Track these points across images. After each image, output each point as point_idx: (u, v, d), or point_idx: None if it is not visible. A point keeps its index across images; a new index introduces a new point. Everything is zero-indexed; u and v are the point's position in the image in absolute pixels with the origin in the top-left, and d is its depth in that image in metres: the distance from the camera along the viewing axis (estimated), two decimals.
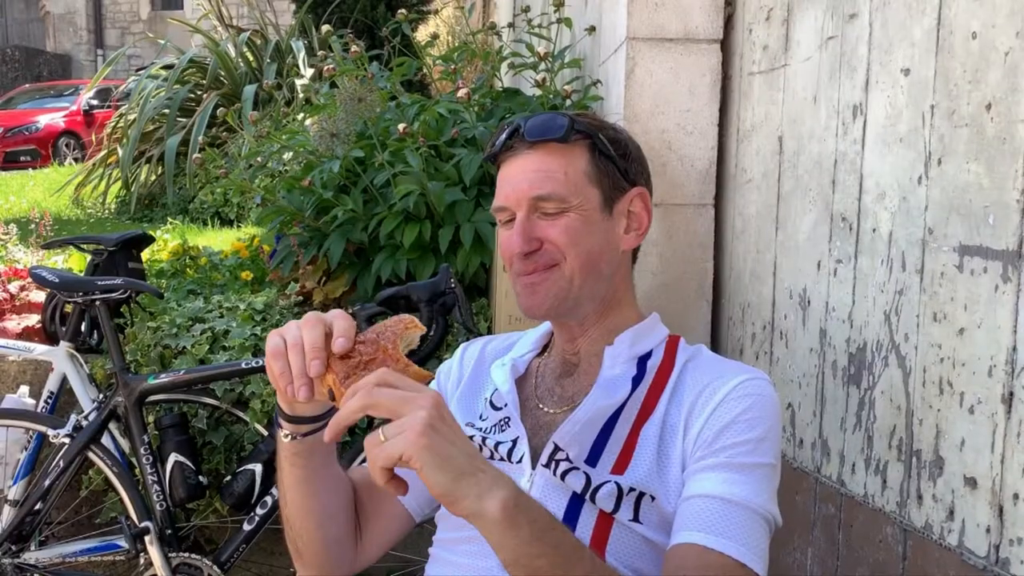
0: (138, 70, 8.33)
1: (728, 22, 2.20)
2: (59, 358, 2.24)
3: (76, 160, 11.13)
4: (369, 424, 2.23)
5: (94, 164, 6.21)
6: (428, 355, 1.92)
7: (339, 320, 0.92)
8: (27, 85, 16.21)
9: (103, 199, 5.75)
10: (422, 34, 4.15)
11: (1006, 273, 1.36)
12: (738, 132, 2.19)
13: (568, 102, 2.48)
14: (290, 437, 1.03)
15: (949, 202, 1.48)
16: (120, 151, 5.59)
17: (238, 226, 4.61)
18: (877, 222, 1.66)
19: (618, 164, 1.13)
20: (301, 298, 2.51)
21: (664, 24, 2.17)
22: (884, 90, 1.64)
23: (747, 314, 2.15)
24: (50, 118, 13.00)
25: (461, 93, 2.37)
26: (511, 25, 3.40)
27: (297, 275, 2.61)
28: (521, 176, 1.09)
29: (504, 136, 1.11)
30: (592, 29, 2.56)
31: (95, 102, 13.16)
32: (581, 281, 1.09)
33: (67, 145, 12.80)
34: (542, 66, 2.58)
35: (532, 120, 1.10)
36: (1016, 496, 1.35)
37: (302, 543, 1.12)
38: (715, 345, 2.33)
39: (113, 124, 6.18)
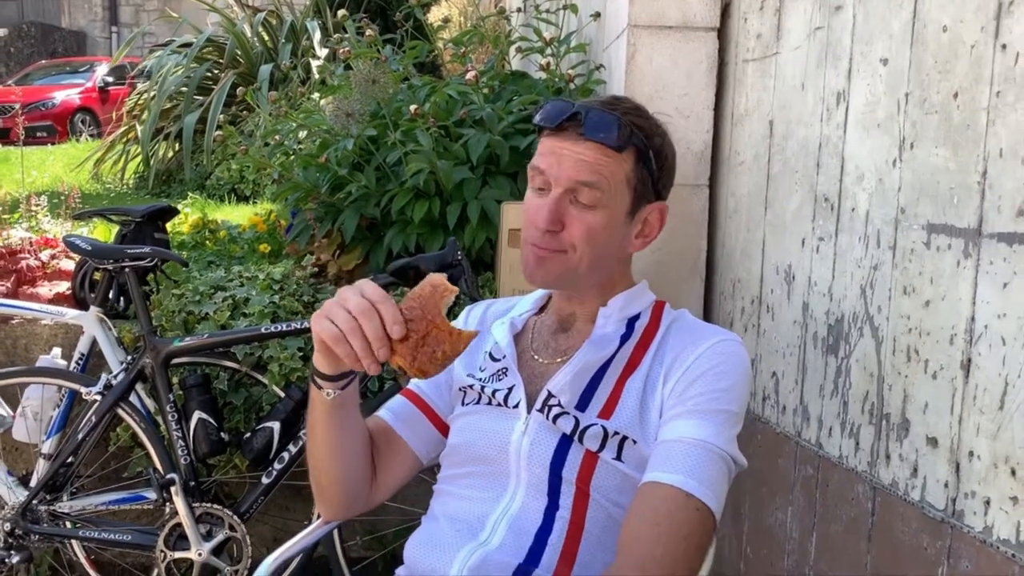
0: (153, 48, 8.45)
1: (725, 11, 2.31)
2: (89, 322, 2.38)
3: (92, 137, 11.26)
4: (380, 387, 2.37)
5: (113, 140, 6.35)
6: None
7: (383, 305, 1.01)
8: (43, 61, 16.34)
9: (122, 175, 5.89)
10: (434, 16, 4.25)
11: (967, 249, 1.48)
12: (732, 116, 2.30)
13: (572, 86, 2.59)
14: (332, 394, 1.14)
15: (919, 184, 1.59)
16: (139, 128, 5.72)
17: (254, 202, 4.74)
18: (856, 202, 1.78)
19: (654, 176, 1.22)
20: (316, 269, 2.64)
21: (664, 12, 2.28)
22: (865, 78, 1.76)
23: (737, 289, 2.27)
24: (66, 94, 13.12)
25: (469, 76, 2.49)
26: (520, 10, 3.51)
27: (312, 248, 2.74)
28: (570, 159, 1.15)
29: (563, 118, 1.17)
30: (597, 15, 2.67)
31: (110, 79, 13.30)
32: (585, 271, 1.20)
33: (83, 121, 12.93)
34: (548, 50, 2.69)
35: (593, 115, 1.15)
36: (971, 453, 1.47)
37: (327, 481, 1.25)
38: (707, 318, 2.45)
39: (133, 101, 6.31)
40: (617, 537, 1.07)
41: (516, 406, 1.20)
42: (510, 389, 1.22)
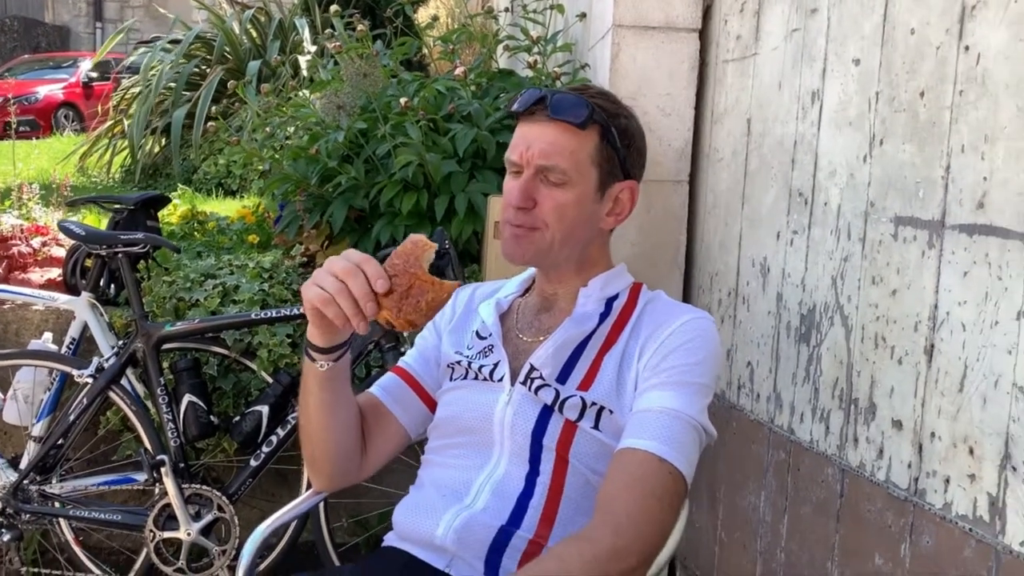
0: (138, 44, 8.45)
1: (706, 13, 2.39)
2: (81, 307, 2.42)
3: (76, 132, 11.22)
4: (367, 375, 2.42)
5: (99, 135, 6.36)
6: None
7: (367, 264, 1.07)
8: (26, 56, 16.24)
9: (108, 168, 5.91)
10: (423, 15, 4.31)
11: (931, 240, 1.56)
12: (712, 115, 2.37)
13: (558, 83, 2.66)
14: (326, 366, 1.20)
15: (888, 178, 1.67)
16: (127, 122, 5.74)
17: (241, 197, 4.77)
18: (828, 196, 1.86)
19: (620, 154, 1.28)
20: (305, 259, 2.69)
21: (647, 13, 2.35)
22: (838, 78, 1.84)
23: (715, 281, 2.34)
24: (49, 89, 13.07)
25: (458, 72, 2.55)
26: (507, 10, 3.58)
27: (301, 239, 2.79)
28: (537, 142, 1.24)
29: (531, 101, 1.25)
30: (583, 16, 2.74)
31: (94, 75, 13.26)
32: (559, 247, 1.27)
33: (66, 117, 12.88)
34: (535, 49, 2.76)
35: (558, 97, 1.24)
36: (933, 434, 1.55)
37: (319, 454, 1.31)
38: None
39: (119, 96, 6.32)
40: (594, 501, 1.13)
41: (501, 380, 1.26)
42: (495, 364, 1.28)
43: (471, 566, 1.14)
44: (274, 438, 2.22)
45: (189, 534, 2.19)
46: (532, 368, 1.24)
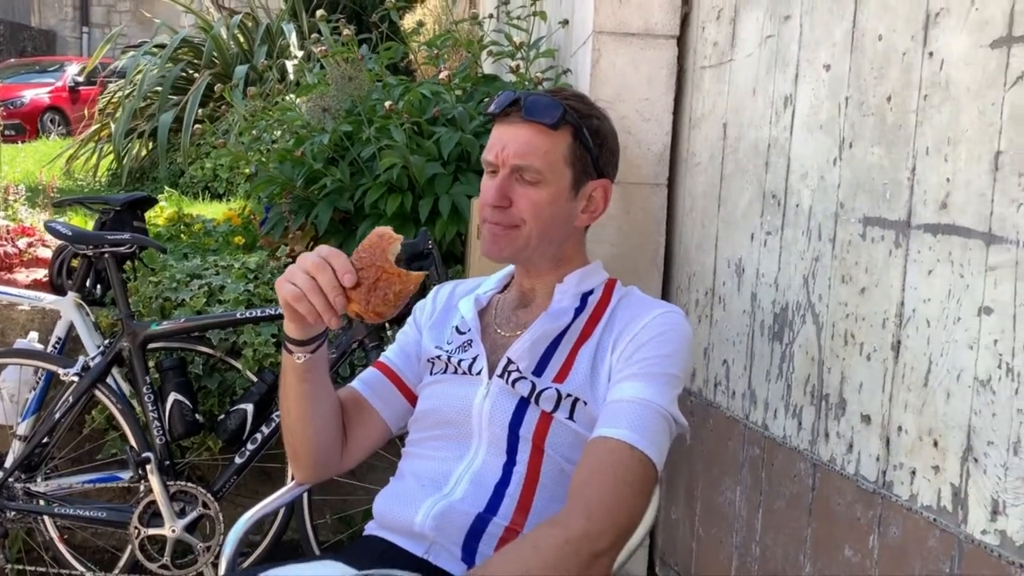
0: (125, 48, 8.46)
1: (684, 20, 2.44)
2: (67, 307, 2.44)
3: (62, 136, 11.20)
4: (351, 373, 2.45)
5: (84, 138, 6.37)
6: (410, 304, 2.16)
7: (335, 259, 1.12)
8: (12, 60, 16.20)
9: (94, 172, 5.92)
10: (409, 22, 4.35)
11: (898, 240, 1.61)
12: (690, 120, 2.43)
13: (540, 88, 2.71)
14: (303, 357, 1.24)
15: (857, 180, 1.73)
16: (113, 126, 5.76)
17: (227, 200, 4.80)
18: (800, 198, 1.91)
19: (593, 154, 1.33)
20: (290, 260, 2.72)
21: (627, 20, 2.40)
22: (809, 83, 1.89)
23: (692, 282, 2.39)
24: (35, 93, 13.04)
25: (442, 76, 2.59)
26: (491, 16, 3.63)
27: (287, 240, 2.83)
28: (512, 142, 1.28)
29: (506, 103, 1.30)
30: (565, 22, 2.79)
31: (80, 79, 13.25)
32: (536, 244, 1.31)
33: (52, 121, 12.85)
34: (519, 55, 2.81)
35: (532, 99, 1.29)
36: (900, 428, 1.60)
37: (300, 447, 1.34)
38: None
39: (106, 100, 6.34)
40: (568, 488, 1.17)
41: (479, 373, 1.30)
42: (474, 358, 1.32)
43: (449, 552, 1.18)
44: (259, 436, 2.25)
45: (174, 531, 2.21)
46: (509, 361, 1.28)
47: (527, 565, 1.04)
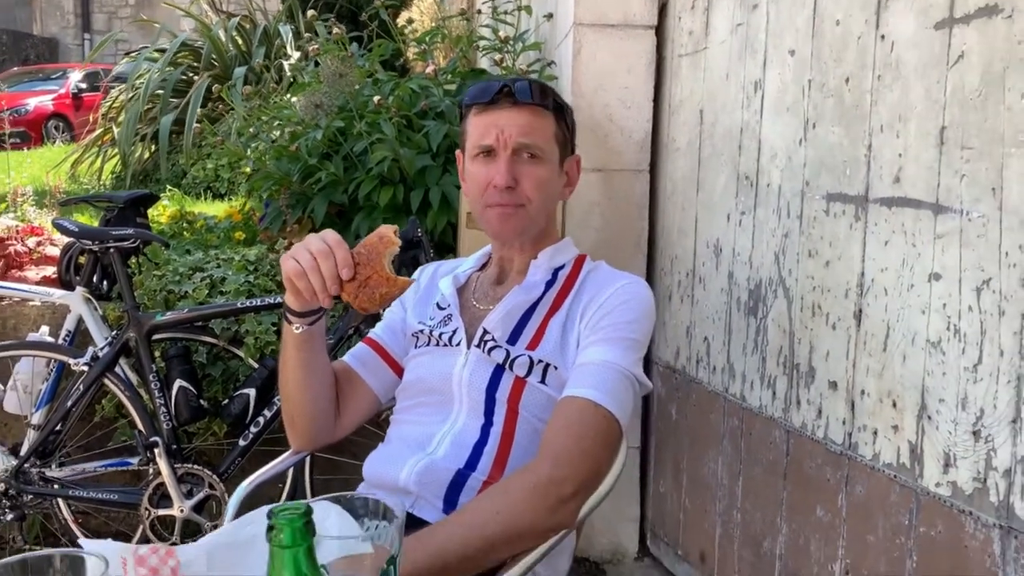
0: (126, 54, 8.57)
1: (662, 10, 2.53)
2: (76, 301, 2.55)
3: (66, 142, 11.33)
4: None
5: (88, 143, 6.49)
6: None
7: (339, 250, 1.20)
8: (15, 68, 16.35)
9: (99, 175, 6.03)
10: (403, 19, 4.45)
11: (857, 214, 1.70)
12: (669, 107, 2.52)
13: None
14: (301, 328, 1.33)
15: (820, 159, 1.82)
16: (116, 130, 5.87)
17: (229, 199, 4.90)
18: (770, 178, 2.00)
19: (570, 131, 1.47)
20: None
21: (607, 11, 2.49)
22: (776, 68, 1.98)
23: (674, 264, 2.48)
24: (39, 100, 13.18)
25: (428, 70, 2.69)
26: (479, 12, 3.72)
27: (285, 234, 2.93)
28: (510, 124, 1.38)
29: (495, 91, 1.39)
30: (550, 16, 2.88)
31: (83, 85, 13.39)
32: (538, 219, 1.43)
33: (56, 127, 12.99)
34: (506, 48, 2.90)
35: (520, 84, 1.39)
36: (863, 392, 1.69)
37: (297, 415, 1.44)
38: None
39: (108, 104, 6.45)
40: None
41: (459, 344, 1.40)
42: (454, 331, 1.42)
43: (432, 505, 1.27)
44: (261, 419, 2.35)
45: (182, 511, 2.32)
46: (485, 332, 1.38)
47: (497, 507, 1.14)
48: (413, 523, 1.24)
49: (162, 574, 0.81)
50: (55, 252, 2.95)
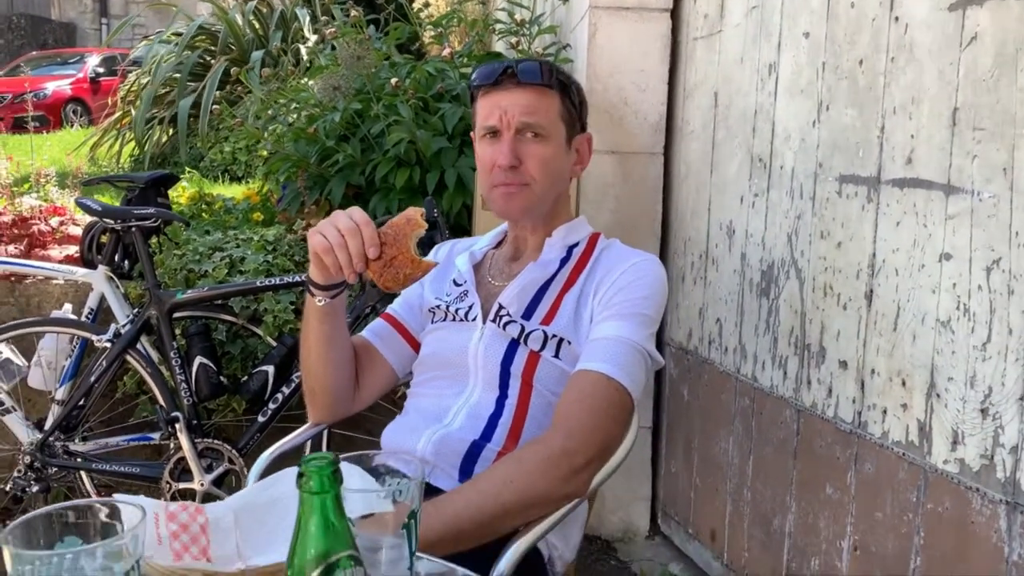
0: (144, 38, 8.62)
1: None
2: (98, 279, 2.59)
3: (84, 126, 11.42)
4: None
5: (107, 126, 6.55)
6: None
7: (366, 228, 1.22)
8: (34, 52, 16.45)
9: (118, 158, 6.10)
10: (419, 2, 4.46)
11: (870, 195, 1.71)
12: (684, 90, 2.53)
13: None
14: (323, 301, 1.35)
15: (833, 141, 1.83)
16: (134, 112, 5.92)
17: (246, 182, 4.95)
18: (783, 160, 2.01)
19: (577, 110, 1.47)
20: (307, 233, 2.86)
21: None
22: (791, 50, 1.99)
23: (688, 246, 2.50)
24: (57, 85, 13.27)
25: (444, 53, 2.71)
26: None
27: (303, 215, 2.96)
28: (513, 105, 1.40)
29: (499, 72, 1.41)
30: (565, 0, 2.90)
31: (101, 70, 13.48)
32: (544, 198, 1.44)
33: (74, 111, 13.08)
34: (521, 31, 2.91)
35: (523, 64, 1.42)
36: (873, 371, 1.71)
37: (318, 387, 1.47)
38: None
39: (126, 88, 6.51)
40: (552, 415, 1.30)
41: (474, 319, 1.43)
42: (470, 307, 1.45)
43: (447, 474, 1.31)
44: (279, 396, 2.40)
45: (203, 484, 2.37)
46: (500, 307, 1.41)
47: (511, 475, 1.17)
48: (429, 491, 1.27)
49: (192, 529, 0.85)
50: (78, 231, 3.00)
